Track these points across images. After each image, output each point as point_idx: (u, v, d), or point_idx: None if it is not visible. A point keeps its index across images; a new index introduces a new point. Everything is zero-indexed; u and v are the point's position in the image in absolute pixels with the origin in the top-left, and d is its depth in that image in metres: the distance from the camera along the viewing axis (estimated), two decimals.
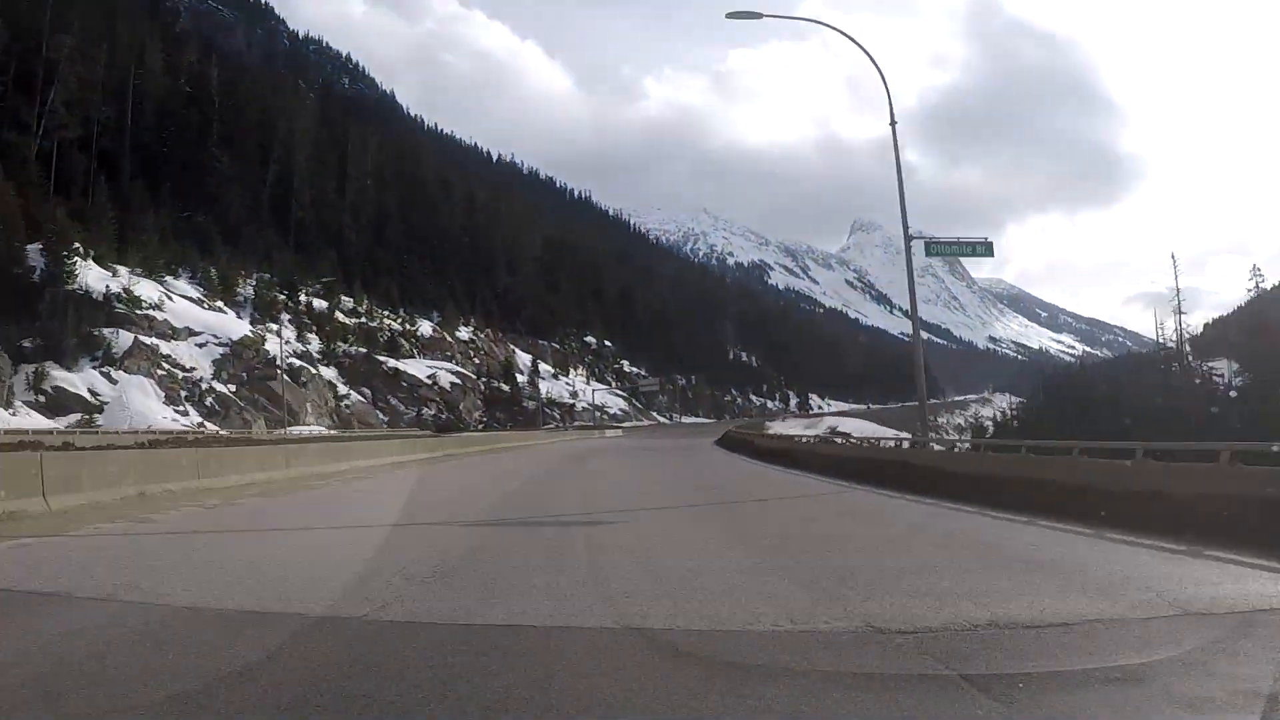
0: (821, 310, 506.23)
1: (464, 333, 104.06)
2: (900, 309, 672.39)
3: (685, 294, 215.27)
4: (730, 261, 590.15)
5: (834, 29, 48.25)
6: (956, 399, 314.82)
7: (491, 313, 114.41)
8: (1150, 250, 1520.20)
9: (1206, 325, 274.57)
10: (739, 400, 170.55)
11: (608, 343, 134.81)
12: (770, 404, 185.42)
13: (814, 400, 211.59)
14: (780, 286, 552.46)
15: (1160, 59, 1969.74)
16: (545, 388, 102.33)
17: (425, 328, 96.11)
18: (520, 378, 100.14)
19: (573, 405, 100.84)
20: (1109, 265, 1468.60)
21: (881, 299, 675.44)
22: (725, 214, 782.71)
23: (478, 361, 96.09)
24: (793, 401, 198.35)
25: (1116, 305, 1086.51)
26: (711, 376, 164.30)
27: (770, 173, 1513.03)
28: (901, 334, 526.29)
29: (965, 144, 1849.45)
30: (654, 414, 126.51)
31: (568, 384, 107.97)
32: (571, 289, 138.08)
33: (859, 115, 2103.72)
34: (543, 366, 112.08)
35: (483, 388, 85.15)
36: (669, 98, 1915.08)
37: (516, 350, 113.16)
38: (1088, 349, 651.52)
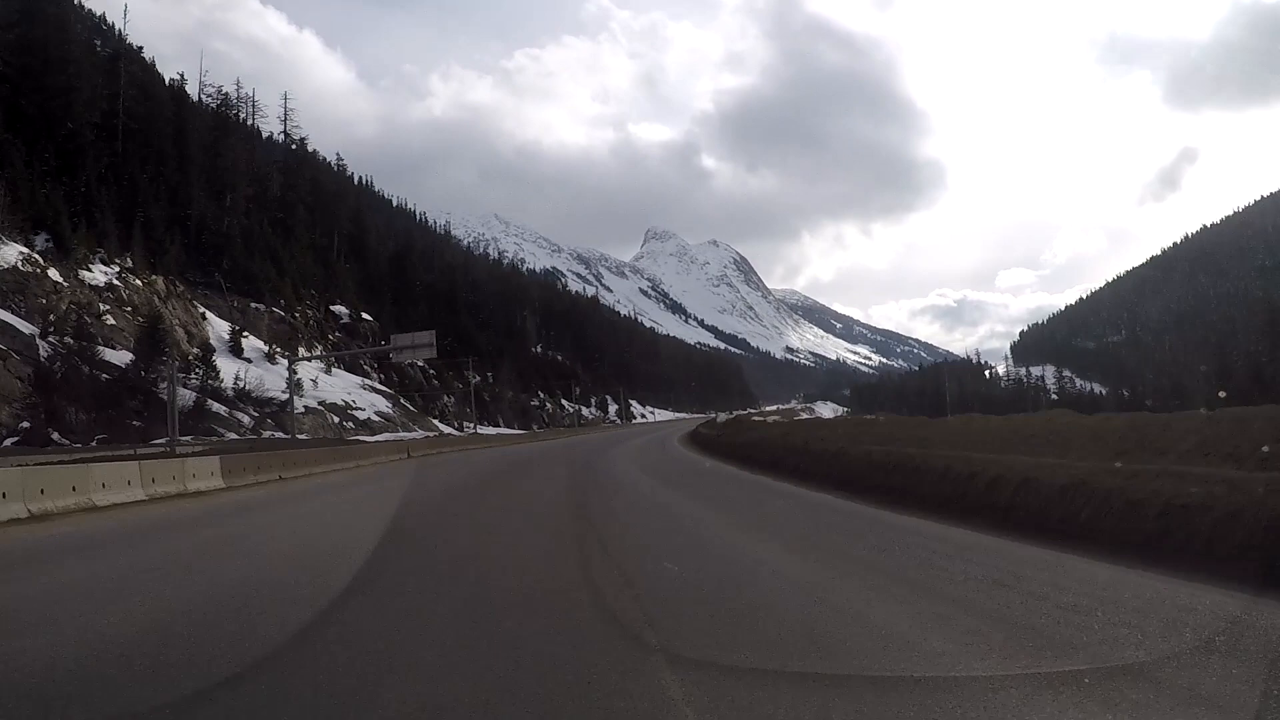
0: (617, 318, 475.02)
1: (101, 273, 58.34)
2: (695, 318, 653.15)
3: (478, 273, 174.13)
4: (523, 269, 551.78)
5: None
6: (769, 408, 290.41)
7: (165, 249, 68.37)
8: (940, 263, 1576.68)
9: (1022, 333, 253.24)
10: (548, 406, 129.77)
11: (367, 316, 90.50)
12: (587, 410, 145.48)
13: (636, 408, 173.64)
14: (574, 294, 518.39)
15: (963, 67, 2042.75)
16: (238, 371, 57.89)
17: (7, 253, 50.24)
18: (192, 351, 55.23)
19: (286, 400, 56.63)
20: (899, 277, 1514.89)
21: (676, 308, 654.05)
22: (517, 220, 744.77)
23: (80, 318, 50.30)
24: (611, 408, 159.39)
25: (905, 317, 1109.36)
26: (513, 375, 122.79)
27: (563, 178, 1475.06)
28: (698, 343, 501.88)
29: (763, 149, 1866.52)
30: (435, 421, 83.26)
31: (289, 368, 63.42)
32: (315, 240, 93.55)
33: (655, 117, 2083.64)
34: (253, 342, 67.47)
35: (47, 351, 40.03)
36: (456, 96, 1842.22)
37: (209, 315, 68.02)
38: (884, 360, 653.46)
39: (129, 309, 57.11)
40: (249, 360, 63.40)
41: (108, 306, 55.61)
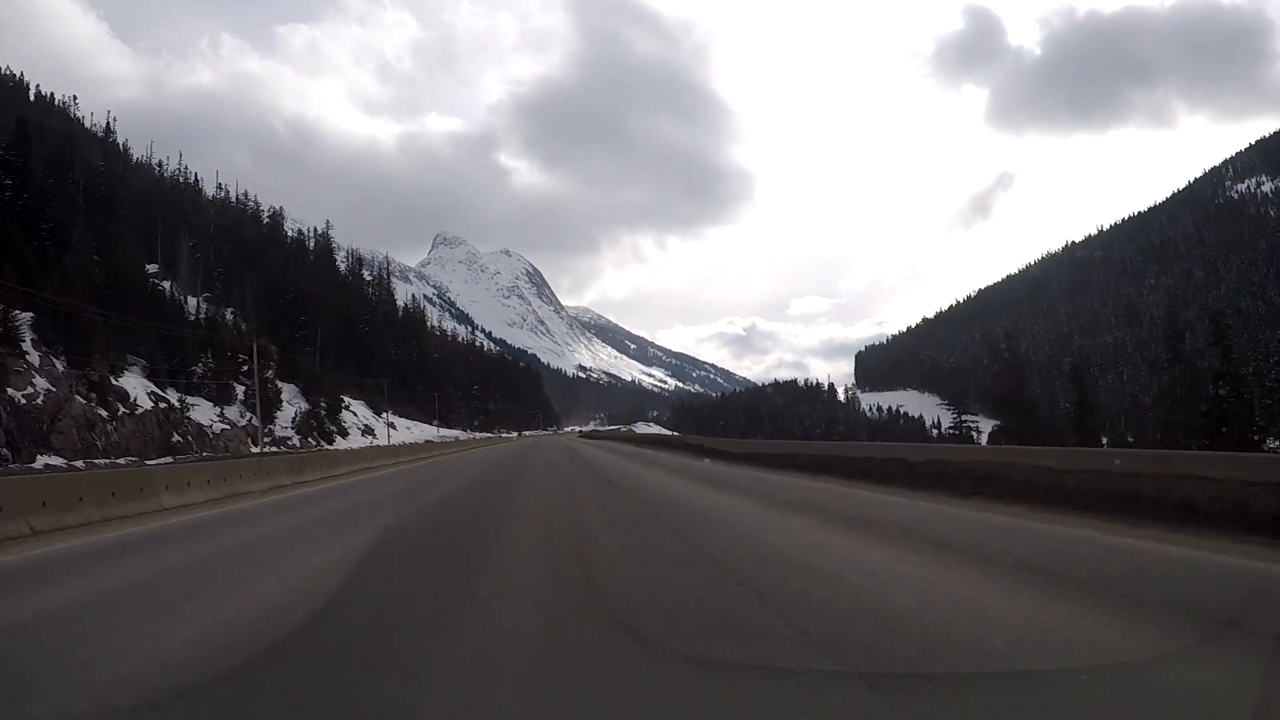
0: (358, 275, 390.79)
1: None
2: (484, 330, 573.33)
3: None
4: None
5: None
6: (572, 428, 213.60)
7: None
8: (735, 286, 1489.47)
9: (860, 354, 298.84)
10: (160, 405, 51.09)
11: None
12: (234, 414, 66.63)
13: (360, 414, 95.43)
14: (286, 234, 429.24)
15: (780, 66, 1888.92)
16: None
17: None
18: None
19: None
20: (692, 299, 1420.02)
21: (463, 318, 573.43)
22: (296, 212, 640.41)
23: None
24: (291, 408, 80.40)
25: (692, 342, 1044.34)
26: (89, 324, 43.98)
27: (349, 169, 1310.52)
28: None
29: (563, 147, 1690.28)
30: None
31: None
32: None
33: (447, 106, 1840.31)
34: None
35: None
36: (228, 66, 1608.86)
37: None
38: (679, 383, 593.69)
39: None
40: None
41: None
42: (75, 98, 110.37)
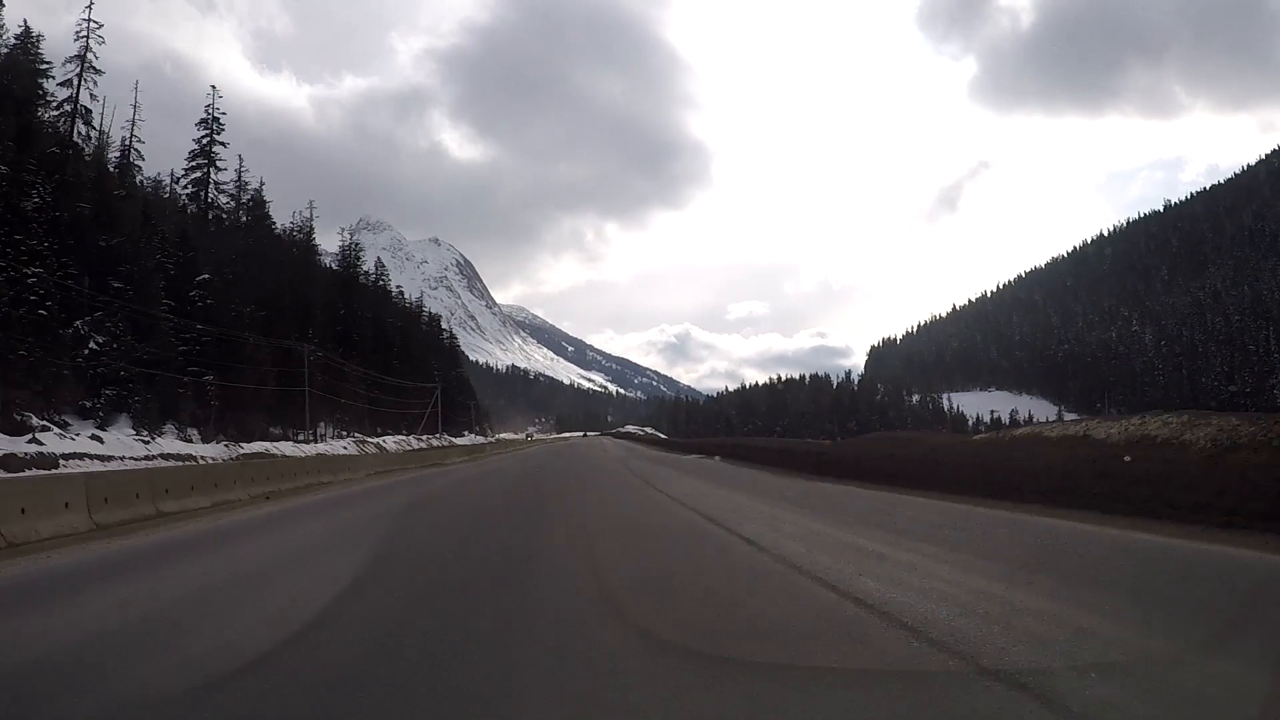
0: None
1: None
2: None
3: None
4: None
5: None
6: (506, 436, 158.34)
7: None
8: (670, 290, 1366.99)
9: (872, 348, 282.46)
10: None
11: None
12: None
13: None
14: None
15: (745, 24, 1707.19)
16: None
17: None
18: None
19: None
20: (625, 304, 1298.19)
21: None
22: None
23: None
24: None
25: (622, 350, 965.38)
26: None
27: (258, 138, 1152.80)
28: None
29: (501, 111, 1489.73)
30: None
31: None
32: None
33: (365, 65, 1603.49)
34: None
35: None
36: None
37: None
38: (620, 389, 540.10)
39: None
40: None
41: None
42: None
